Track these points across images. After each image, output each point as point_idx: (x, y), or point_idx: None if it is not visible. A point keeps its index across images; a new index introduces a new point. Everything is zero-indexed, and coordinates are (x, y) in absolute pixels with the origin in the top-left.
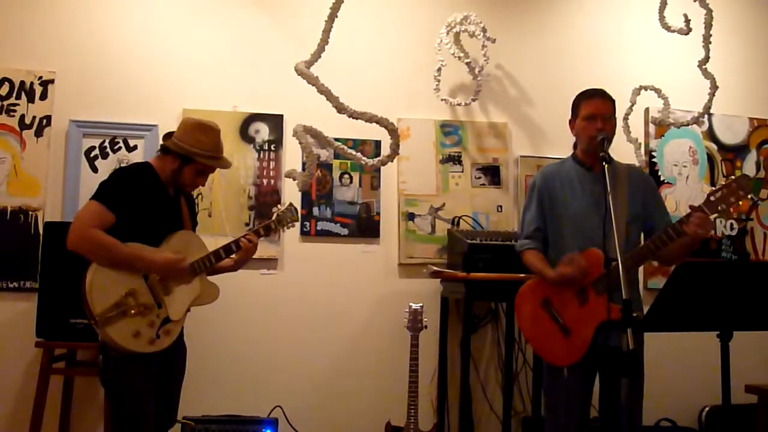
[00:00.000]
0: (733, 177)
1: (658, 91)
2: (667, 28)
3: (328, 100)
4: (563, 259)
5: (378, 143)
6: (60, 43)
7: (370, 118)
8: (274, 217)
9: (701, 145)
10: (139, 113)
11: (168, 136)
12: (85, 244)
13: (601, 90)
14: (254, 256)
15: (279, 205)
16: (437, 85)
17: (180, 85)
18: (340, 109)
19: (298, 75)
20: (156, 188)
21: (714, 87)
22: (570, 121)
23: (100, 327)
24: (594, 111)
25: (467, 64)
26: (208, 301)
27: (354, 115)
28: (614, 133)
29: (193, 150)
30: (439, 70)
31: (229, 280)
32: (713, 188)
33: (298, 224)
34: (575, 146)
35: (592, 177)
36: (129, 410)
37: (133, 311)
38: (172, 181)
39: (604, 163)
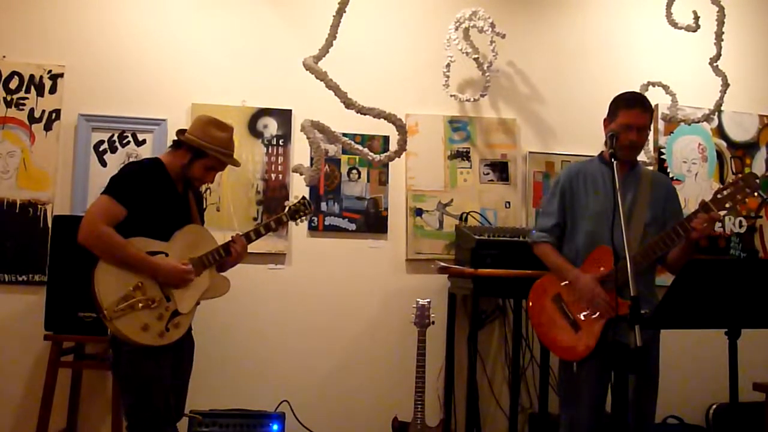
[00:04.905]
0: (741, 175)
1: (665, 87)
2: (674, 25)
3: (336, 95)
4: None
5: (386, 138)
6: (69, 37)
7: (378, 114)
8: (286, 210)
9: (710, 142)
10: (148, 107)
11: (180, 133)
12: (95, 241)
13: (641, 99)
14: (263, 251)
15: (293, 198)
16: (446, 80)
17: (189, 79)
18: (349, 104)
19: (307, 70)
20: (165, 184)
21: (725, 84)
22: (605, 121)
23: (108, 320)
24: (631, 122)
25: (475, 59)
26: (218, 295)
27: (362, 111)
28: (647, 140)
29: (206, 144)
30: (447, 65)
31: (237, 275)
32: (721, 186)
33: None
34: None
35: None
36: (142, 403)
37: (140, 305)
38: (181, 176)
39: (613, 160)
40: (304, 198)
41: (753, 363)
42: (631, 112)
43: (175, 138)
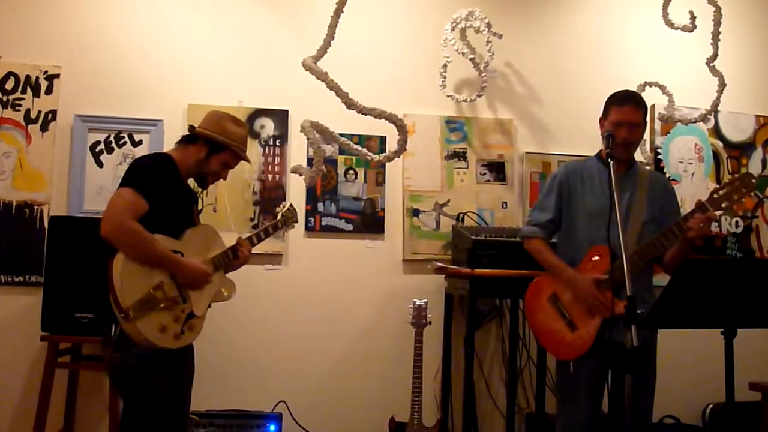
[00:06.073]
0: (737, 174)
1: (662, 87)
2: (671, 25)
3: (337, 95)
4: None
5: (383, 139)
6: (65, 37)
7: (380, 114)
8: (278, 217)
9: (707, 143)
10: (145, 108)
11: (192, 129)
12: (123, 235)
13: (633, 96)
14: (259, 252)
15: (282, 205)
16: (443, 81)
17: (185, 80)
18: (350, 104)
19: (306, 70)
20: (176, 180)
21: (722, 84)
22: (600, 120)
23: (129, 320)
24: (622, 119)
25: (471, 60)
26: (226, 298)
27: (363, 111)
28: (641, 138)
29: (225, 139)
30: (444, 66)
31: (234, 275)
32: (717, 185)
33: (299, 223)
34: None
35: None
36: (148, 409)
37: (162, 305)
38: (195, 172)
39: (609, 160)
40: (291, 206)
41: (749, 362)
42: (622, 109)
43: (187, 133)
